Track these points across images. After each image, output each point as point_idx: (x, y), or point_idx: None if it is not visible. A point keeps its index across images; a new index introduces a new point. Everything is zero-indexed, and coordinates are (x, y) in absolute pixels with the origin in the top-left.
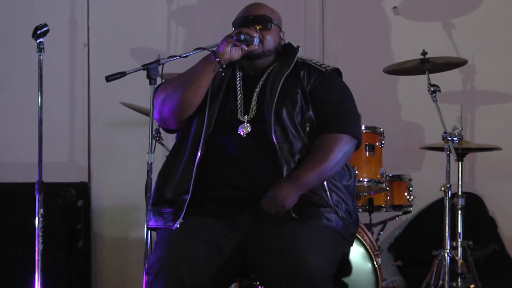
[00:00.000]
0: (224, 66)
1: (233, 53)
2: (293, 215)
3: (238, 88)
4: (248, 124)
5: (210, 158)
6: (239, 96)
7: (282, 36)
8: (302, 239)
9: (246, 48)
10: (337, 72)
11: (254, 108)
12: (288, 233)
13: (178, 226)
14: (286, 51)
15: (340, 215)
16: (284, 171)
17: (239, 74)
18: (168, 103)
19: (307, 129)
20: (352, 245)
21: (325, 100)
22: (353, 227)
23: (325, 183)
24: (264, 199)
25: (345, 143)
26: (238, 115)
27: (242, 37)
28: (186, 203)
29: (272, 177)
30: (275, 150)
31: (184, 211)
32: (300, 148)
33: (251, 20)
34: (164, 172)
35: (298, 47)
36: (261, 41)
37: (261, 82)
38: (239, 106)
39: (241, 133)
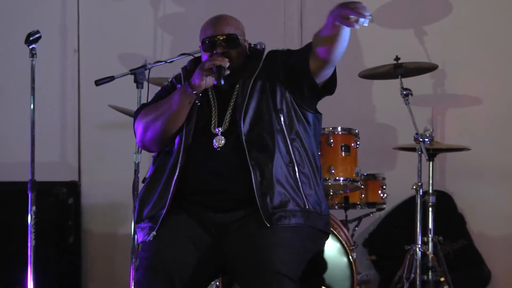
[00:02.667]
0: (200, 95)
1: (208, 82)
2: (267, 224)
3: (212, 102)
4: (222, 136)
5: (190, 167)
6: (213, 110)
7: (246, 45)
8: (270, 239)
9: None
10: None
11: (227, 120)
12: (257, 233)
13: (151, 238)
14: (253, 54)
15: (307, 207)
16: (253, 177)
17: (211, 89)
18: (149, 133)
19: (282, 119)
20: (328, 233)
21: (292, 55)
22: (324, 217)
23: (297, 174)
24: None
25: None
26: (212, 128)
27: (214, 69)
28: (161, 217)
29: (246, 182)
30: (245, 157)
31: (158, 225)
32: (272, 142)
33: (220, 41)
34: (147, 189)
35: (264, 49)
36: (231, 59)
37: (235, 94)
38: (213, 119)
39: (216, 146)
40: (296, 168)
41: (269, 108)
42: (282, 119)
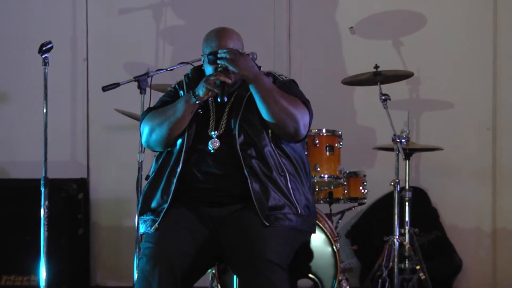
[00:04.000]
0: (202, 104)
1: (211, 94)
2: (265, 222)
3: (211, 108)
4: (217, 139)
5: (190, 165)
6: (211, 115)
7: None
8: (262, 231)
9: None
10: (293, 82)
11: (223, 125)
12: (251, 225)
13: (154, 230)
14: None
15: (299, 211)
16: (249, 184)
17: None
18: (154, 135)
19: (270, 132)
20: (314, 233)
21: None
22: (312, 219)
23: (289, 184)
24: (234, 51)
25: (304, 111)
26: (209, 132)
27: (218, 82)
28: (164, 211)
29: (239, 180)
30: (240, 160)
31: (160, 218)
32: (263, 154)
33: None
34: (150, 185)
35: (260, 67)
36: (233, 72)
37: (230, 101)
38: (211, 124)
39: (211, 148)
40: (287, 178)
41: (261, 121)
42: (271, 131)
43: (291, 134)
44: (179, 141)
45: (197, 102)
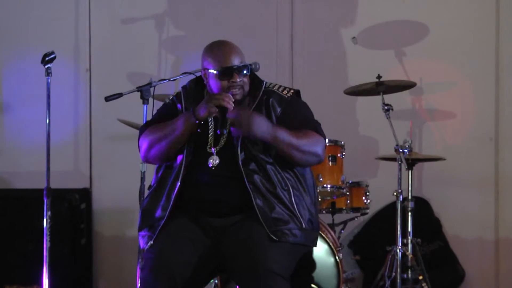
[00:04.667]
0: (202, 123)
1: (211, 114)
2: (273, 237)
3: (210, 124)
4: (216, 156)
5: (189, 183)
6: (210, 131)
7: None
8: (264, 241)
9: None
10: (296, 93)
11: (223, 140)
12: (252, 235)
13: (148, 246)
14: (254, 82)
15: (304, 226)
16: (253, 200)
17: None
18: (153, 150)
19: (273, 151)
20: (315, 246)
21: (291, 118)
22: (315, 233)
23: (292, 198)
24: (241, 113)
25: (320, 141)
26: (208, 148)
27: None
28: (159, 228)
29: (240, 192)
30: (242, 176)
31: (156, 235)
32: (266, 169)
33: (236, 70)
34: (150, 200)
35: (263, 81)
36: (242, 87)
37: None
38: (209, 140)
39: (210, 165)
40: (291, 192)
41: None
42: (273, 151)
43: (313, 165)
44: (180, 157)
45: (196, 122)
